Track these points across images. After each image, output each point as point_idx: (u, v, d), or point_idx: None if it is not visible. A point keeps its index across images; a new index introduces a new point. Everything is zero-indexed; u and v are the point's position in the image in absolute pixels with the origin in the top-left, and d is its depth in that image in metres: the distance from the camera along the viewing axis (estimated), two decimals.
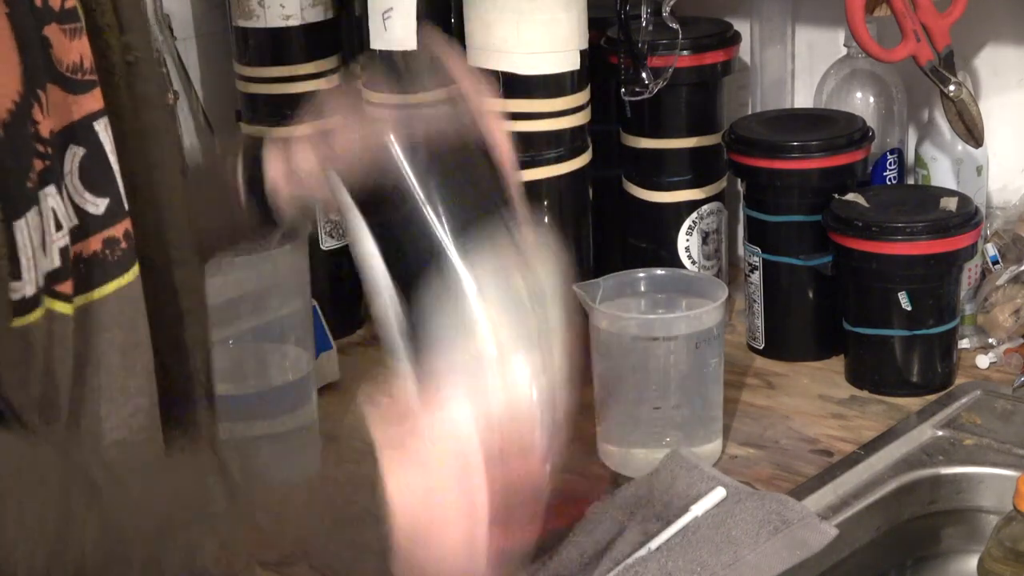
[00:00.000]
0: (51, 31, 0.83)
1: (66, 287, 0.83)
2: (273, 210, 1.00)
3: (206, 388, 0.98)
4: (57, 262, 0.83)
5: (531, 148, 1.41)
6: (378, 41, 1.45)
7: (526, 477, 0.83)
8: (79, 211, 0.86)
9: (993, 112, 1.50)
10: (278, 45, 1.58)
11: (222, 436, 1.30)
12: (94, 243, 0.87)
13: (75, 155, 0.85)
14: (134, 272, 0.89)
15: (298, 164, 0.98)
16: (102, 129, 0.87)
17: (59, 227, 0.83)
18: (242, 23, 1.58)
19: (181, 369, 0.96)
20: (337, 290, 1.57)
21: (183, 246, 0.95)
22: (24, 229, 0.79)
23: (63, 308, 0.83)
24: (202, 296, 0.99)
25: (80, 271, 0.86)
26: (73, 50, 0.85)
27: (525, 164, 1.41)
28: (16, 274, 0.79)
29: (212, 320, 1.00)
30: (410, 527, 0.81)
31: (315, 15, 1.58)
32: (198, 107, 1.49)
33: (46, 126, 0.81)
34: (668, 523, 1.15)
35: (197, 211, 0.99)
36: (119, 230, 0.88)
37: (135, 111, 0.91)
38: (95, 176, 0.87)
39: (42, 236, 0.81)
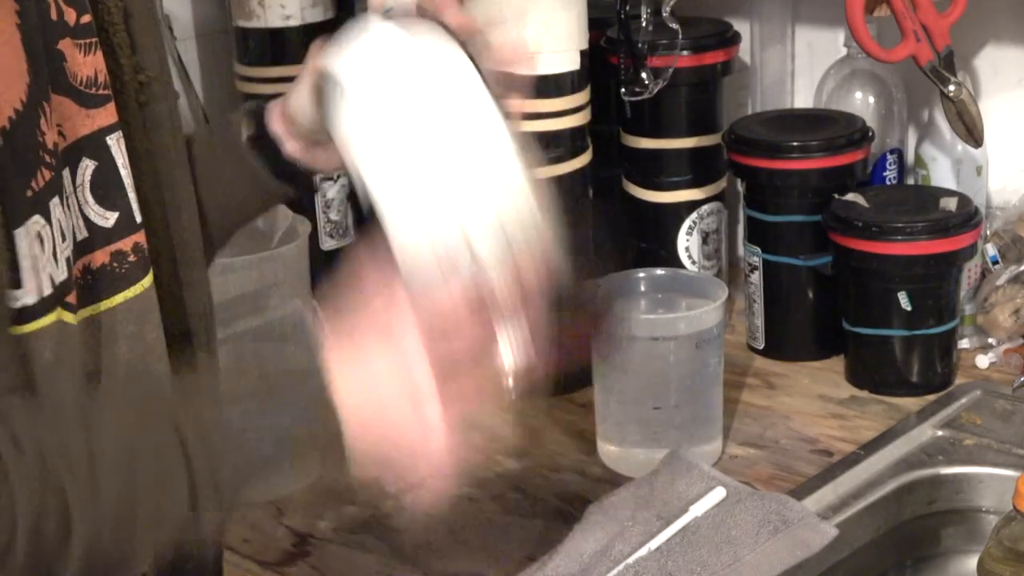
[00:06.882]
0: (65, 45, 0.83)
1: (71, 297, 0.83)
2: (287, 164, 1.00)
3: None
4: (64, 273, 0.83)
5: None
6: None
7: (466, 349, 0.82)
8: (88, 223, 0.86)
9: (993, 112, 1.50)
10: (278, 45, 1.58)
11: None
12: (102, 256, 0.87)
13: (87, 168, 0.85)
14: (143, 284, 0.89)
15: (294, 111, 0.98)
16: (114, 143, 0.87)
17: (63, 238, 0.83)
18: (242, 23, 1.58)
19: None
20: None
21: (192, 266, 0.95)
22: (25, 237, 0.79)
23: (69, 318, 0.83)
24: (210, 302, 0.98)
25: (88, 283, 0.86)
26: (87, 65, 0.85)
27: None
28: (16, 282, 0.79)
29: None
30: (359, 416, 0.81)
31: (315, 15, 1.58)
32: (198, 107, 1.49)
33: (51, 138, 0.81)
34: (668, 523, 1.15)
35: (216, 187, 0.99)
36: (128, 243, 0.88)
37: (146, 131, 0.91)
38: (106, 190, 0.87)
39: (53, 246, 0.81)
